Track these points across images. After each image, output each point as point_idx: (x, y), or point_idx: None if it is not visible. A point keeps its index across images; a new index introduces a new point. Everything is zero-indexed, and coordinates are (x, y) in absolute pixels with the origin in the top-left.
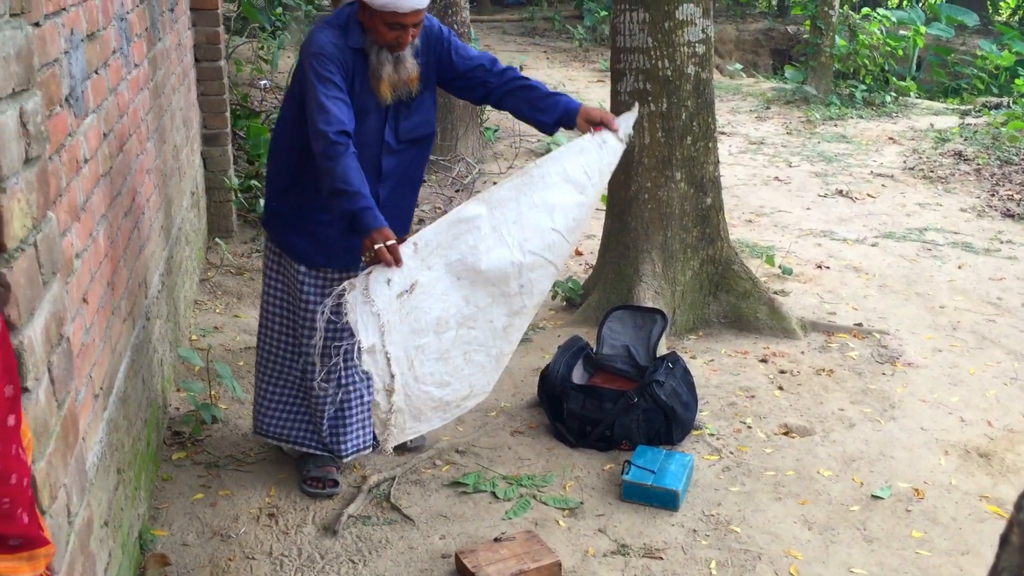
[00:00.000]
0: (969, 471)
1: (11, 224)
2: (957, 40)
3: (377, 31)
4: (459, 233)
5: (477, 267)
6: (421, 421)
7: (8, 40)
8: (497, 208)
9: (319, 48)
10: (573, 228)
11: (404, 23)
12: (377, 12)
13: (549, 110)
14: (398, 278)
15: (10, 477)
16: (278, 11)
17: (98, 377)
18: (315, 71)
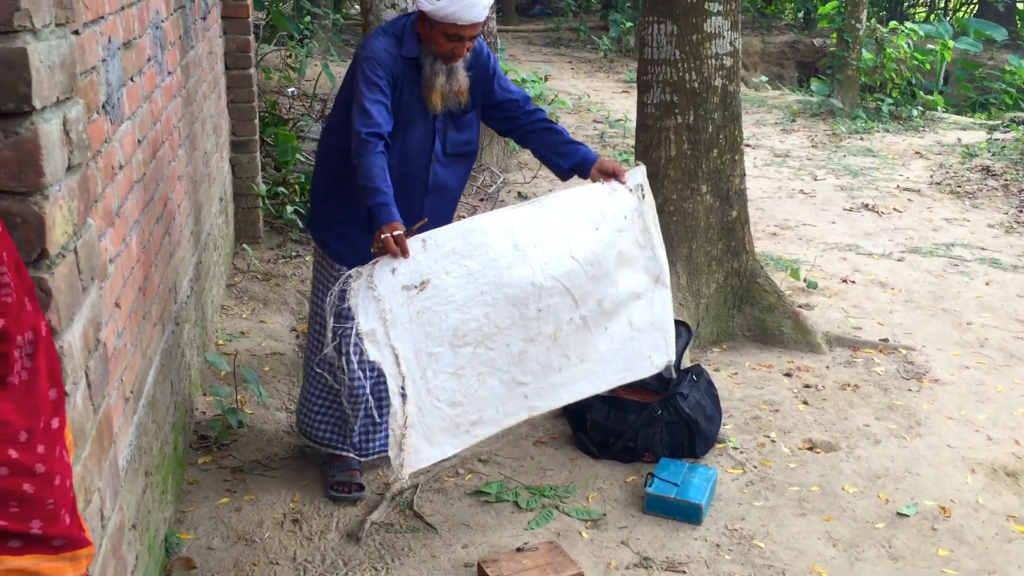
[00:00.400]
0: (996, 490)
1: (53, 231)
2: (985, 54)
3: (435, 41)
4: (477, 244)
5: (499, 280)
6: (434, 445)
7: (54, 49)
8: (517, 229)
9: (372, 52)
10: (591, 260)
11: (463, 35)
12: (437, 23)
13: (568, 156)
14: (404, 269)
15: (54, 478)
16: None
17: (129, 381)
18: (364, 74)
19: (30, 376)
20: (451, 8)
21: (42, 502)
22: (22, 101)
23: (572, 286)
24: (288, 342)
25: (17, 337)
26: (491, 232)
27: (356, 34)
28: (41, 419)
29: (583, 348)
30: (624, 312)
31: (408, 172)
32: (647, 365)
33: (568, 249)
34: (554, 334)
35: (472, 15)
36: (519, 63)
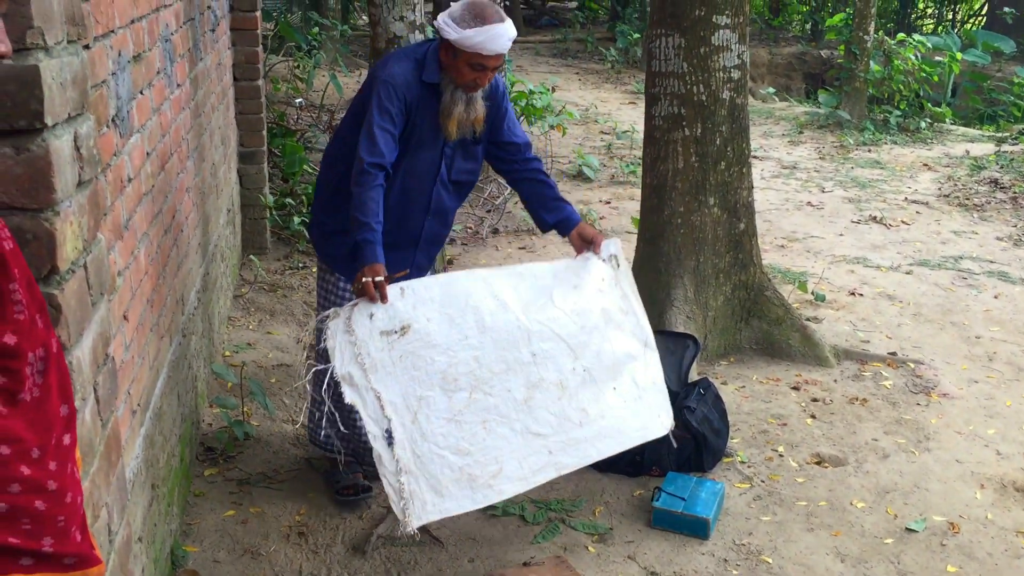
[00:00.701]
0: (1006, 505)
1: (64, 247)
2: (993, 66)
3: (458, 70)
4: (456, 294)
5: (483, 325)
6: (445, 497)
7: (65, 66)
8: (495, 283)
9: (390, 76)
10: (577, 311)
11: (486, 65)
12: (462, 52)
13: (553, 211)
14: (382, 315)
15: (66, 495)
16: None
17: (136, 393)
18: (379, 98)
19: (41, 393)
20: (477, 39)
21: (53, 519)
22: (34, 118)
23: (563, 333)
24: (295, 353)
25: (29, 354)
26: (469, 284)
27: (364, 45)
28: (53, 436)
29: (599, 404)
30: (626, 371)
31: (412, 193)
32: (658, 424)
33: (550, 301)
34: (560, 383)
35: (498, 46)
36: (527, 74)
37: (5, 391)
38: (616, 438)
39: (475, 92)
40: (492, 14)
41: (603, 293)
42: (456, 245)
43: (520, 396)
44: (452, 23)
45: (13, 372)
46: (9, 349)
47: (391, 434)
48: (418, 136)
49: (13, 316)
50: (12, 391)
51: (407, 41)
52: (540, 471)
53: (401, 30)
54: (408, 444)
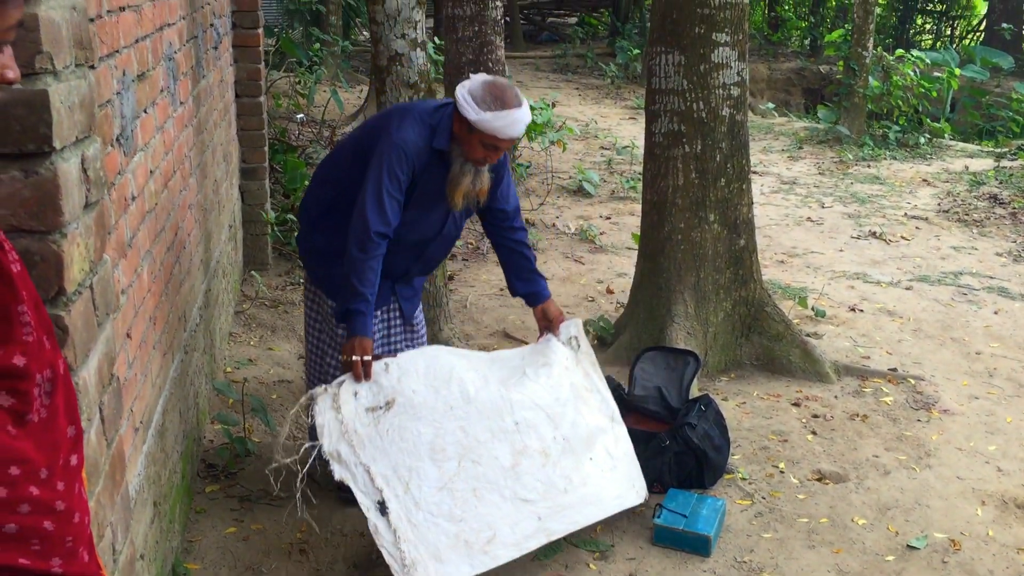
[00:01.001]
0: (1007, 522)
1: (71, 268)
2: (992, 82)
3: (470, 146)
4: (439, 367)
5: (467, 396)
6: (446, 563)
7: (73, 90)
8: (472, 358)
9: (403, 142)
10: (549, 385)
11: (500, 147)
12: (477, 132)
13: (525, 282)
14: (366, 392)
15: (73, 515)
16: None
17: (139, 411)
18: (389, 162)
19: (49, 414)
20: (496, 123)
21: (62, 540)
22: (43, 142)
23: (542, 403)
24: (296, 369)
25: (37, 375)
26: (453, 359)
27: (364, 61)
28: (60, 456)
29: (580, 472)
30: (599, 443)
31: (406, 243)
32: (633, 494)
33: (524, 375)
34: (543, 451)
35: (515, 132)
36: (527, 89)
37: (14, 412)
38: (598, 505)
39: (483, 166)
40: (512, 98)
41: (569, 371)
42: (457, 260)
43: (507, 463)
44: (472, 102)
45: (22, 393)
46: (18, 370)
47: (384, 505)
48: (420, 197)
49: (22, 338)
50: (21, 412)
51: (408, 59)
52: (531, 537)
53: (403, 48)
54: (404, 514)
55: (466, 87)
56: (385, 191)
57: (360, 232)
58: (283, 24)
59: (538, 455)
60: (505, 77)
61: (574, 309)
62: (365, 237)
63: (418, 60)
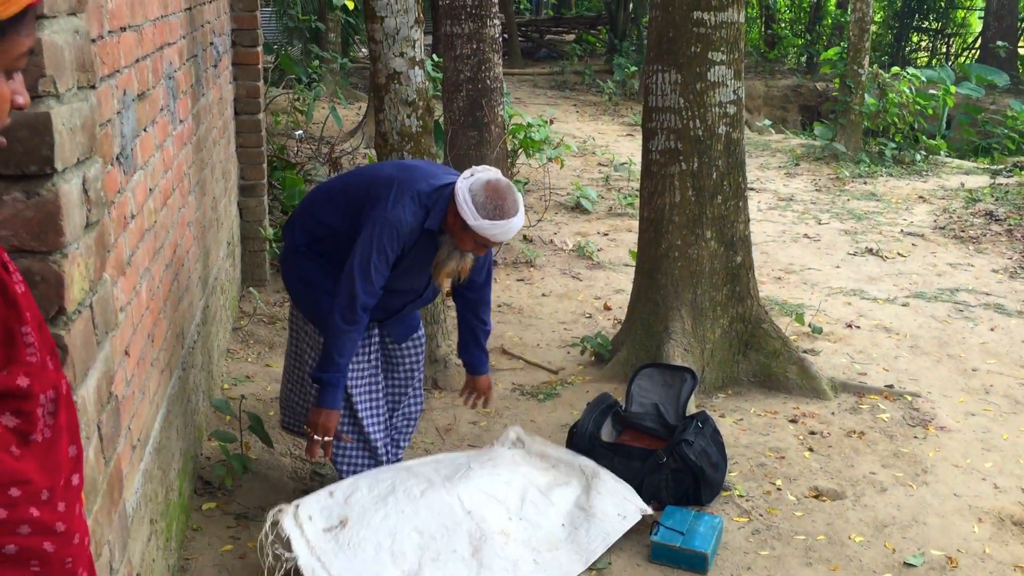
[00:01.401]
0: (1003, 540)
1: (71, 288)
2: (987, 99)
3: (462, 240)
4: (381, 479)
5: (414, 497)
6: None
7: (75, 112)
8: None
9: (397, 221)
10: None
11: (490, 246)
12: (471, 231)
13: (469, 352)
14: (318, 515)
15: (74, 536)
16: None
17: (136, 428)
18: (380, 238)
19: (52, 434)
20: (492, 231)
21: (61, 561)
22: (45, 164)
23: (491, 491)
24: None
25: (40, 396)
26: (392, 473)
27: (363, 78)
28: (61, 477)
29: (549, 540)
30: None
31: (385, 305)
32: (619, 525)
33: (469, 469)
34: (502, 531)
35: (507, 238)
36: (524, 106)
37: (18, 432)
38: (577, 556)
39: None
40: (511, 207)
41: (517, 464)
42: None
43: (467, 553)
44: (472, 207)
45: (26, 414)
46: (22, 391)
47: None
48: (406, 268)
49: (26, 358)
50: (25, 432)
51: (406, 77)
52: None
53: (401, 66)
54: None
55: (468, 186)
56: (373, 266)
57: (346, 304)
58: (282, 41)
59: (498, 536)
60: (502, 95)
61: (571, 326)
62: (350, 310)
63: (416, 78)
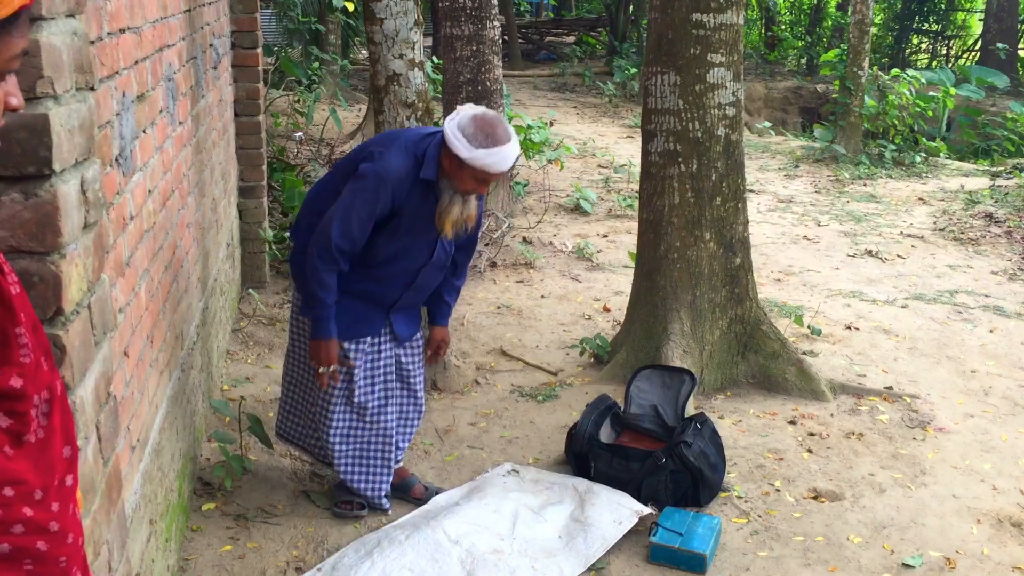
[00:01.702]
0: (1002, 541)
1: (69, 289)
2: (987, 101)
3: (460, 179)
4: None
5: (399, 542)
6: None
7: (74, 113)
8: (399, 523)
9: (385, 172)
10: (483, 507)
11: (490, 180)
12: (468, 168)
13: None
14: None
15: (67, 536)
16: (315, 66)
17: (135, 429)
18: (365, 186)
19: (46, 434)
20: (488, 160)
21: (55, 560)
22: (43, 165)
23: (479, 521)
24: None
25: (34, 396)
26: (381, 533)
27: (363, 80)
28: (56, 477)
29: (545, 550)
30: (564, 520)
31: (396, 272)
32: (616, 530)
33: (456, 505)
34: (495, 550)
35: (506, 167)
36: (525, 108)
37: (11, 433)
38: (574, 558)
39: (471, 195)
40: (502, 134)
41: (509, 491)
42: None
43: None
44: (463, 139)
45: (20, 414)
46: (16, 392)
47: None
48: (409, 226)
49: (19, 359)
50: (18, 433)
51: (406, 79)
52: None
53: (401, 68)
54: None
55: (455, 123)
56: (355, 211)
57: (322, 242)
58: (282, 43)
59: (490, 555)
60: (502, 97)
61: (571, 327)
62: (325, 249)
63: (416, 80)
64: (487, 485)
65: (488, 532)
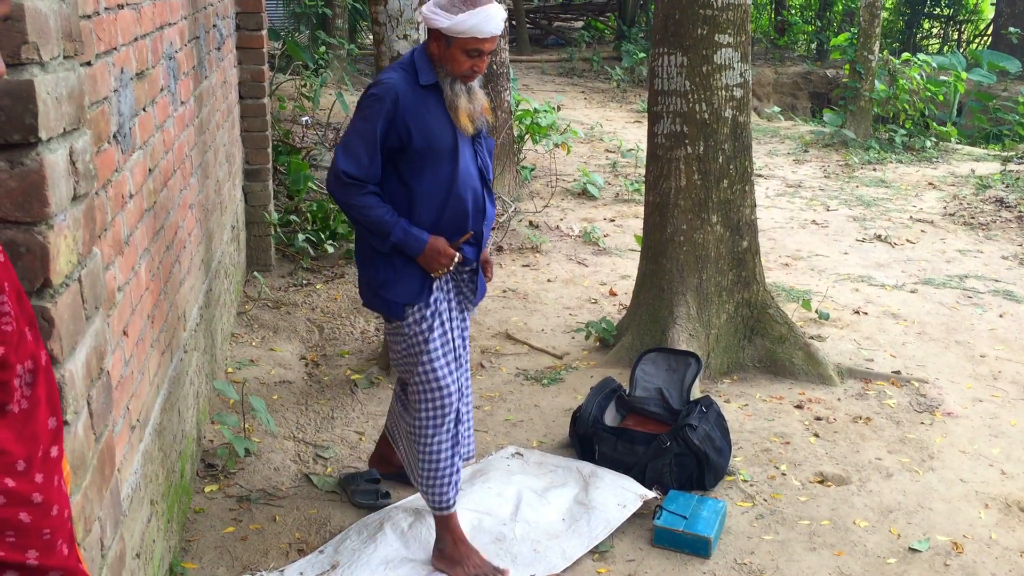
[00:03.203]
0: (1010, 526)
1: (57, 260)
2: (999, 86)
3: (453, 60)
4: (368, 523)
5: (401, 531)
6: None
7: (61, 81)
8: (401, 504)
9: (380, 88)
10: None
11: (482, 49)
12: (456, 39)
13: None
14: (309, 569)
15: (52, 508)
16: (322, 50)
17: (135, 409)
18: (364, 108)
19: (30, 405)
20: (471, 22)
21: (39, 532)
22: (28, 132)
23: (480, 508)
24: (297, 370)
25: (17, 366)
26: (382, 513)
27: (370, 64)
28: (40, 448)
29: (548, 532)
30: (568, 503)
31: (462, 199)
32: (620, 513)
33: (459, 492)
34: (497, 537)
35: (492, 27)
36: (532, 93)
37: None
38: (577, 538)
39: (472, 81)
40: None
41: (512, 473)
42: None
43: None
44: (440, 11)
45: (2, 384)
46: None
47: None
48: (444, 139)
49: (1, 327)
50: (1, 402)
51: None
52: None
53: (405, 48)
54: None
55: (429, 3)
56: (356, 134)
57: (331, 178)
58: (289, 27)
59: (492, 545)
60: (509, 80)
61: (577, 311)
62: (336, 180)
63: None
64: (491, 468)
65: (490, 519)
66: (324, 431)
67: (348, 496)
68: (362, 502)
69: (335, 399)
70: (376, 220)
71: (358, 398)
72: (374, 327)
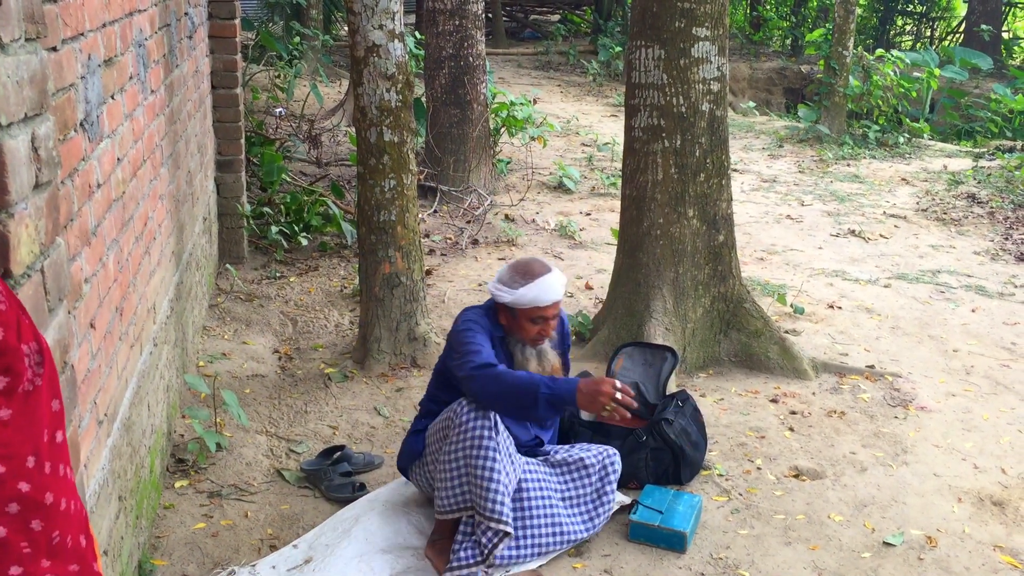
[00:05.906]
0: (983, 519)
1: (18, 250)
2: (971, 83)
3: (520, 328)
4: (342, 519)
5: (376, 530)
6: None
7: (22, 65)
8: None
9: (468, 323)
10: None
11: (546, 315)
12: (520, 311)
13: None
14: (282, 563)
15: (60, 504)
16: (296, 40)
17: (103, 403)
18: (463, 333)
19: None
20: (531, 294)
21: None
22: None
23: None
24: (270, 364)
25: (23, 346)
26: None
27: (345, 56)
28: (45, 432)
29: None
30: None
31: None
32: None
33: None
34: None
35: (553, 295)
36: (508, 86)
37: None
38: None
39: (543, 343)
40: (539, 268)
41: None
42: (435, 256)
43: None
44: (503, 287)
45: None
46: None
47: None
48: None
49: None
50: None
51: (386, 50)
52: None
53: (380, 39)
54: None
55: (495, 279)
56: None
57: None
58: (263, 18)
59: None
60: (485, 72)
61: None
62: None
63: (396, 51)
64: None
65: None
66: (297, 425)
67: (322, 491)
68: (336, 496)
69: (308, 393)
70: (518, 382)
71: (332, 392)
72: (348, 320)
